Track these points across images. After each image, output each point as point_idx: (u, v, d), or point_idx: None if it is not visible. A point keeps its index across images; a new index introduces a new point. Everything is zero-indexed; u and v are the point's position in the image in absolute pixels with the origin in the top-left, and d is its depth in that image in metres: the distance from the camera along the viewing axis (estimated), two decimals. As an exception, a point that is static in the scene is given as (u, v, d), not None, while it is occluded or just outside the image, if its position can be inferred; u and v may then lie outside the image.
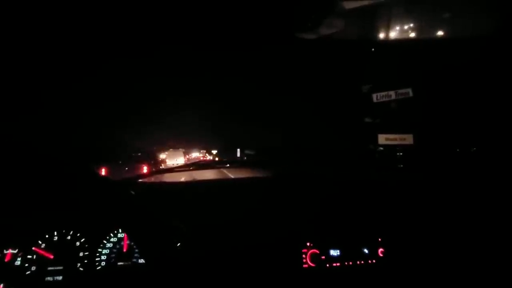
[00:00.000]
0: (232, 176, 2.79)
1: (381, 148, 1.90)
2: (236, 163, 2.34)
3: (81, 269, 1.39)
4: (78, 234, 1.43)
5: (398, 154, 1.87)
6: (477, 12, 1.59)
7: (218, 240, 1.41)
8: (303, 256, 1.44)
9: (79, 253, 1.41)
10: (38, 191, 1.41)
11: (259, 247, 1.41)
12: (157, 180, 2.08)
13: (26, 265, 1.35)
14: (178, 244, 1.41)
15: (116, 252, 1.45)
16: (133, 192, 1.57)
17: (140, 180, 1.76)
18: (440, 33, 1.74)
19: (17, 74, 1.80)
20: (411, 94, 1.69)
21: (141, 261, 1.45)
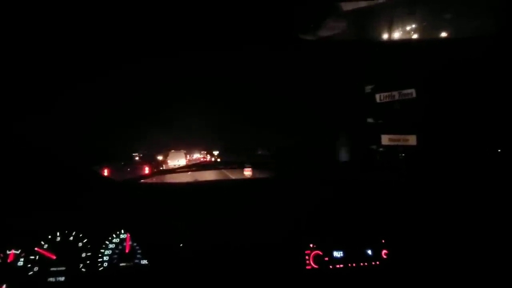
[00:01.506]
0: (233, 177, 2.79)
1: (383, 149, 1.90)
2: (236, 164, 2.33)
3: (83, 270, 1.39)
4: (81, 235, 1.43)
5: (400, 155, 1.87)
6: (481, 12, 1.59)
7: (221, 241, 1.41)
8: (306, 257, 1.43)
9: (82, 253, 1.41)
10: (41, 192, 1.41)
11: (262, 248, 1.41)
12: (159, 181, 2.08)
13: (29, 265, 1.35)
14: (181, 244, 1.41)
15: (119, 253, 1.45)
16: (135, 193, 1.57)
17: (142, 180, 1.76)
18: (443, 33, 1.73)
19: (21, 75, 1.80)
20: (414, 94, 1.69)
21: (144, 262, 1.45)
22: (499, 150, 1.59)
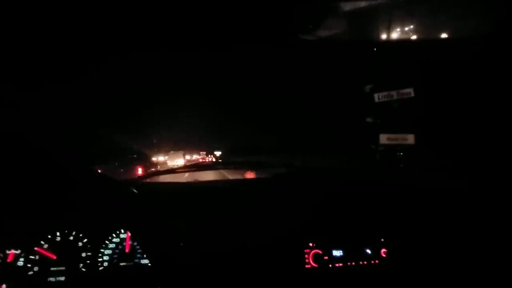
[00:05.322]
0: (231, 177, 2.79)
1: (381, 148, 1.91)
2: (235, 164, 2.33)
3: (83, 269, 1.39)
4: (81, 235, 1.42)
5: (398, 154, 1.88)
6: (479, 12, 1.61)
7: (221, 241, 1.41)
8: (306, 256, 1.44)
9: (82, 253, 1.40)
10: (40, 192, 1.40)
11: (261, 247, 1.41)
12: (159, 181, 2.08)
13: (29, 265, 1.35)
14: (182, 244, 1.41)
15: (119, 253, 1.45)
16: (136, 192, 1.57)
17: (142, 180, 1.76)
18: (441, 33, 1.75)
19: (16, 75, 1.79)
20: (413, 94, 1.70)
21: (144, 261, 1.45)
22: (498, 150, 1.60)
